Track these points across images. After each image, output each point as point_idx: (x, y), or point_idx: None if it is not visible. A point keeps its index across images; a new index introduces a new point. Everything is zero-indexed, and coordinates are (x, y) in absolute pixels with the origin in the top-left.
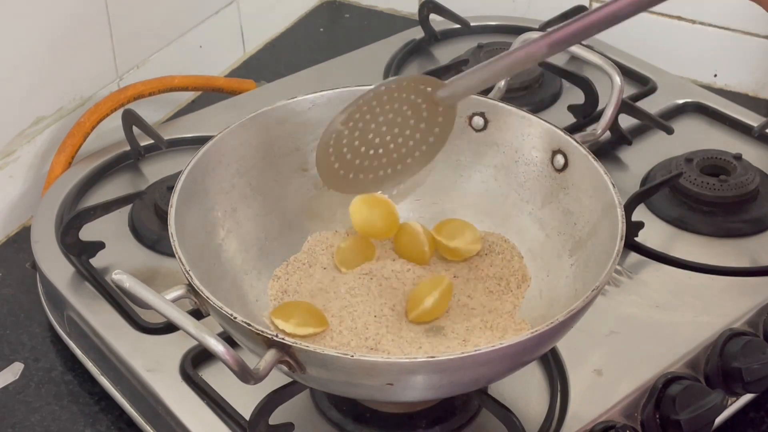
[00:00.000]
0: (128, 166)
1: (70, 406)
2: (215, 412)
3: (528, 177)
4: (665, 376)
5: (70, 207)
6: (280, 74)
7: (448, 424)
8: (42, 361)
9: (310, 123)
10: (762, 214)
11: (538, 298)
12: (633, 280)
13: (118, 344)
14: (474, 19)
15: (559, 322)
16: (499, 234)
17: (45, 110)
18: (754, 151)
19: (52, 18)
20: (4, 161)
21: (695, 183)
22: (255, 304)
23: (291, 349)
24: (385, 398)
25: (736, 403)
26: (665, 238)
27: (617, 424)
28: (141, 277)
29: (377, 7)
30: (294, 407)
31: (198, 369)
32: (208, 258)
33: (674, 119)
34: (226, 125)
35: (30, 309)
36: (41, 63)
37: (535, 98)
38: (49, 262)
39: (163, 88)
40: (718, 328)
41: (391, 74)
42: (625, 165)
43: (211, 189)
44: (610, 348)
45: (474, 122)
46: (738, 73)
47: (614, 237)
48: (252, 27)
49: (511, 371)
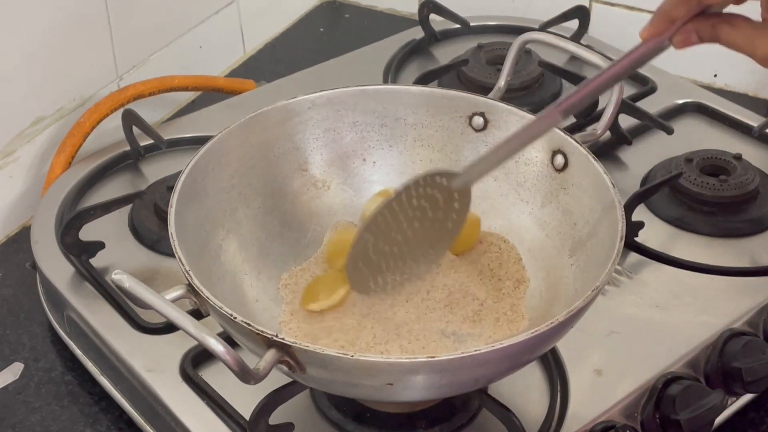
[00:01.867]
0: (128, 166)
1: (70, 406)
2: (215, 412)
3: (528, 177)
4: (665, 376)
5: (70, 207)
6: (280, 74)
7: (448, 424)
8: (42, 361)
9: (310, 123)
10: (762, 214)
11: (538, 298)
12: (633, 280)
13: (118, 344)
14: (474, 19)
15: (559, 322)
16: (498, 234)
17: (45, 110)
18: (754, 151)
19: (52, 18)
20: (4, 161)
21: (695, 183)
22: (255, 304)
23: (291, 349)
24: (385, 398)
25: (736, 403)
26: (665, 238)
27: (617, 424)
28: (141, 277)
29: (377, 7)
30: (294, 407)
31: (198, 369)
32: (208, 258)
33: (674, 119)
34: (226, 125)
35: (30, 309)
36: (41, 63)
37: (535, 98)
38: (49, 262)
39: (163, 88)
40: (718, 328)
41: (391, 74)
42: (625, 165)
43: (211, 189)
44: (610, 348)
45: (474, 122)
46: (738, 73)
47: (614, 237)
48: (252, 27)
49: (511, 371)
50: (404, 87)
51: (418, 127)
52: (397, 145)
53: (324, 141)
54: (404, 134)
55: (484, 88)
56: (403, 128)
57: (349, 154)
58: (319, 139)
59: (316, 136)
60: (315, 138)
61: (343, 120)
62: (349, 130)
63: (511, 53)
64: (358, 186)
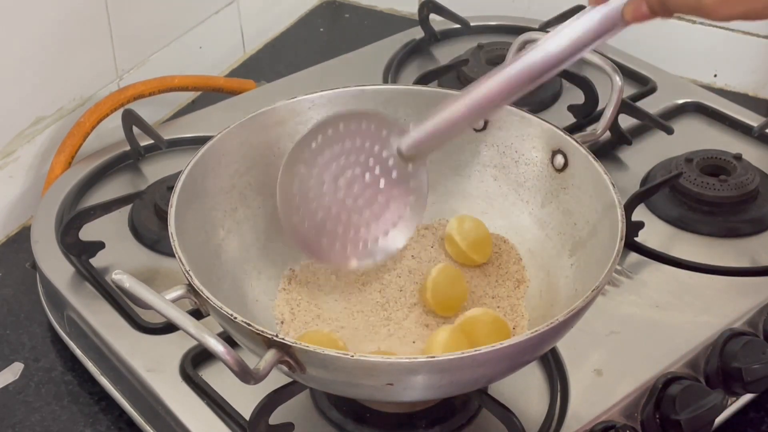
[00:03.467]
0: (128, 166)
1: (70, 406)
2: (215, 412)
3: (528, 177)
4: (665, 376)
5: (70, 207)
6: (280, 74)
7: (448, 424)
8: (42, 361)
9: (310, 123)
10: (762, 214)
11: (538, 298)
12: (633, 280)
13: (118, 344)
14: (474, 19)
15: (559, 322)
16: (498, 234)
17: (45, 110)
18: (754, 151)
19: (52, 18)
20: (4, 161)
21: (695, 183)
22: (255, 304)
23: (291, 349)
24: (385, 398)
25: (736, 403)
26: (665, 238)
27: (617, 424)
28: (141, 277)
29: (377, 7)
30: (294, 407)
31: (198, 369)
32: (208, 258)
33: (674, 119)
34: (226, 125)
35: (30, 309)
36: (41, 63)
37: (535, 98)
38: (49, 262)
39: (163, 88)
40: (718, 328)
41: (391, 74)
42: (625, 165)
43: (211, 189)
44: (610, 348)
45: None
46: (738, 73)
47: (614, 237)
48: (252, 27)
49: (511, 371)
50: (404, 87)
51: None
52: None
53: None
54: None
55: None
56: None
57: None
58: None
59: None
60: None
61: None
62: None
63: (511, 53)
64: None
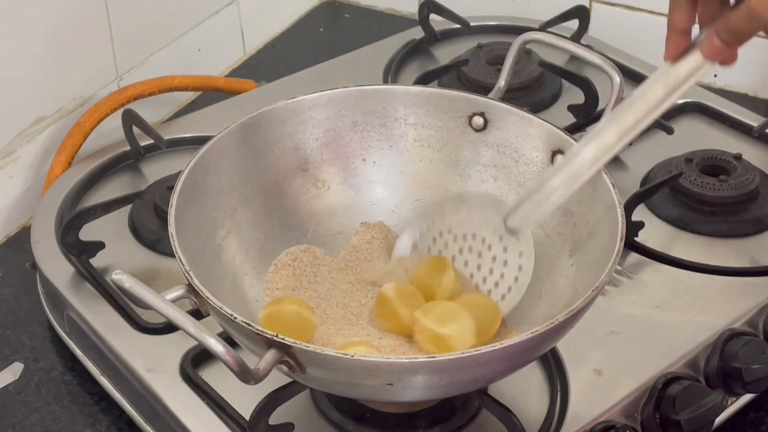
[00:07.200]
0: (128, 166)
1: (70, 406)
2: (215, 412)
3: (528, 177)
4: (665, 376)
5: (70, 207)
6: (280, 74)
7: (448, 424)
8: (42, 361)
9: (310, 123)
10: (762, 214)
11: (538, 298)
12: (633, 280)
13: (118, 344)
14: (474, 19)
15: (559, 322)
16: None
17: (45, 110)
18: (754, 151)
19: (52, 18)
20: (4, 161)
21: (695, 183)
22: (255, 304)
23: (291, 349)
24: (385, 398)
25: (736, 403)
26: (665, 238)
27: (617, 424)
28: (141, 277)
29: (377, 7)
30: (294, 407)
31: (198, 369)
32: (208, 258)
33: (674, 119)
34: (226, 125)
35: (30, 309)
36: (41, 63)
37: (535, 98)
38: (49, 262)
39: (163, 88)
40: (718, 328)
41: (391, 74)
42: (625, 165)
43: (211, 189)
44: (610, 348)
45: (474, 122)
46: (738, 73)
47: (614, 237)
48: (252, 27)
49: (511, 371)
50: (404, 87)
51: (418, 127)
52: (397, 145)
53: (324, 141)
54: (404, 134)
55: (484, 88)
56: (403, 128)
57: (349, 154)
58: (319, 139)
59: (316, 136)
60: (315, 138)
61: (343, 120)
62: (349, 130)
63: (511, 53)
64: (358, 186)
